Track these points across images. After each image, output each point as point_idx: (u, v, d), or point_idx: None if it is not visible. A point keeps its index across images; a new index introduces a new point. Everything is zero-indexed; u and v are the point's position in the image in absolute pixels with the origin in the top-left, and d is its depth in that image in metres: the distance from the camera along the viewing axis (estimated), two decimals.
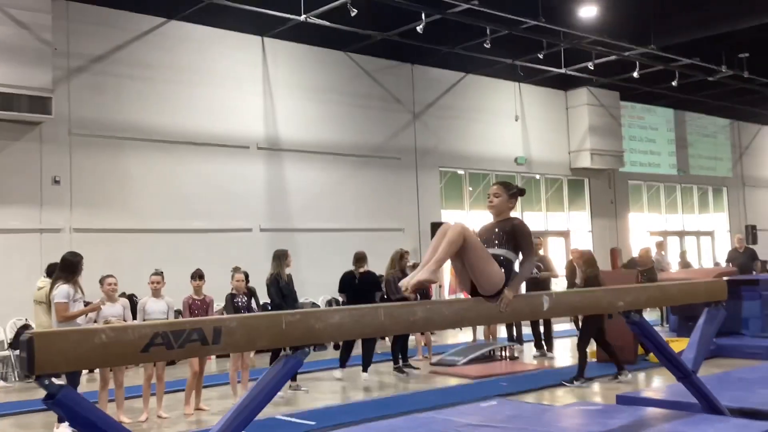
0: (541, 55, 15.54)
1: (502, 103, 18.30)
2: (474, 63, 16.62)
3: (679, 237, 22.76)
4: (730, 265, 13.99)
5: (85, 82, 12.38)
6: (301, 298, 11.75)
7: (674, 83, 17.78)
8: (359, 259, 9.80)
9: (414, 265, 11.32)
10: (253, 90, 14.31)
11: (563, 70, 16.99)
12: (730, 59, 17.65)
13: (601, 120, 19.63)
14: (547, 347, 11.06)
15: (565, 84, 19.11)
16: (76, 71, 12.29)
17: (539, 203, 19.20)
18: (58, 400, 2.70)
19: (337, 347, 10.65)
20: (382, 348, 11.23)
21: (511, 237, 4.16)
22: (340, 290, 9.95)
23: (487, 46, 14.24)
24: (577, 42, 15.33)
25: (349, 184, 15.35)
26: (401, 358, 9.83)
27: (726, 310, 7.49)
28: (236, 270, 8.28)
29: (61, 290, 6.79)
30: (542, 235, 17.87)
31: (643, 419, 4.90)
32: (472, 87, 17.64)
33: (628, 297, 4.81)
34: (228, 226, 13.67)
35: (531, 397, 7.84)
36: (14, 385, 9.93)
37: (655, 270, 10.33)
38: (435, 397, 7.81)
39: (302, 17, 12.91)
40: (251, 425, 6.72)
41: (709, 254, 24.09)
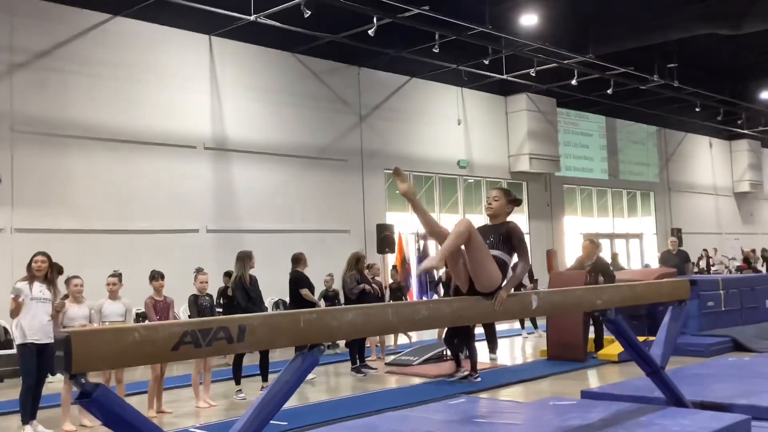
0: (487, 61, 15.90)
1: (446, 107, 18.59)
2: (419, 67, 16.86)
3: (609, 239, 23.54)
4: (662, 267, 14.57)
5: (29, 77, 12.02)
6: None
7: (609, 91, 18.43)
8: (297, 260, 9.69)
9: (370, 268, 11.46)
10: (200, 89, 14.15)
11: (505, 76, 17.41)
12: (661, 69, 18.44)
13: (539, 125, 20.16)
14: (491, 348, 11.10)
15: (505, 90, 19.57)
16: (18, 67, 11.91)
17: (480, 206, 19.55)
18: (94, 399, 2.69)
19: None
20: (341, 348, 11.30)
21: (507, 239, 4.30)
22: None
23: (435, 50, 14.48)
24: (520, 49, 15.74)
25: (297, 185, 15.34)
26: (359, 358, 9.91)
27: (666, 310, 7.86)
28: (199, 271, 8.20)
29: (14, 287, 6.73)
30: None
31: (618, 412, 5.12)
32: (417, 90, 17.88)
33: (604, 296, 5.03)
34: (174, 226, 13.47)
35: (494, 395, 8.03)
36: None
37: (604, 264, 10.67)
38: (400, 396, 7.92)
39: (252, 17, 12.87)
40: (226, 426, 6.72)
41: (638, 256, 25.01)
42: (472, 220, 4.11)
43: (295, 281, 9.52)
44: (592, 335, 10.61)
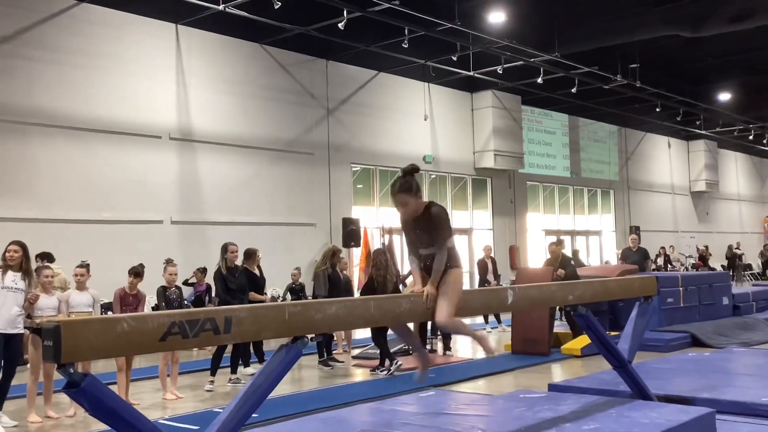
0: (455, 57, 16.01)
1: (412, 103, 18.66)
2: (387, 61, 16.90)
3: (570, 236, 23.89)
4: (623, 263, 14.86)
5: None
6: None
7: (574, 90, 18.69)
8: (248, 255, 9.48)
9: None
10: (166, 79, 14.00)
11: (471, 73, 17.54)
12: (624, 69, 18.76)
13: (504, 122, 20.36)
14: (424, 343, 10.87)
15: (471, 86, 19.71)
16: None
17: (445, 201, 19.67)
18: (82, 389, 2.68)
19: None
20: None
21: (433, 231, 4.19)
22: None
23: (405, 45, 14.54)
24: (488, 46, 15.88)
25: (263, 178, 15.27)
26: (326, 351, 9.93)
27: (627, 306, 7.97)
28: (168, 262, 8.14)
29: None
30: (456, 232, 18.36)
31: (587, 405, 5.23)
32: (384, 85, 17.91)
33: (576, 291, 5.13)
34: (138, 217, 13.32)
35: (459, 388, 8.12)
36: None
37: (569, 263, 10.86)
38: (369, 389, 7.97)
39: (221, 6, 12.77)
40: (194, 418, 6.69)
41: (597, 253, 25.44)
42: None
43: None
44: (557, 330, 10.79)
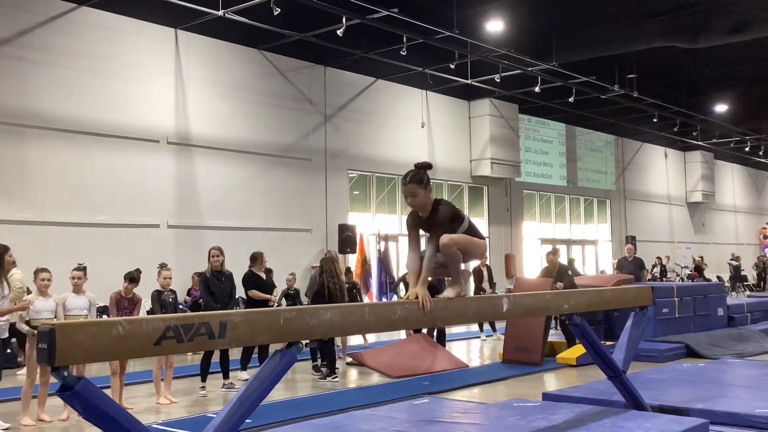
0: (453, 65, 16.05)
1: (410, 110, 18.69)
2: (385, 68, 16.94)
3: (566, 245, 23.92)
4: (618, 273, 14.88)
5: None
6: None
7: (571, 99, 18.75)
8: (254, 258, 9.50)
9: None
10: (164, 83, 14.01)
11: (469, 81, 17.58)
12: (621, 80, 18.83)
13: (501, 131, 20.40)
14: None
15: (469, 94, 19.75)
16: None
17: None
18: (76, 393, 2.67)
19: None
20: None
21: (446, 224, 4.17)
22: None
23: (403, 53, 14.57)
24: (486, 55, 15.92)
25: (260, 183, 15.28)
26: (319, 357, 9.91)
27: (622, 316, 7.95)
28: (163, 266, 8.12)
29: None
30: None
31: (581, 414, 5.24)
32: (382, 92, 17.94)
33: (572, 300, 5.13)
34: (134, 221, 13.31)
35: (456, 396, 8.11)
36: None
37: (566, 273, 10.87)
38: (363, 396, 7.95)
39: (220, 12, 12.79)
40: (188, 423, 6.67)
41: (593, 262, 25.46)
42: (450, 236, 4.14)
43: (244, 282, 9.30)
44: (553, 339, 10.79)
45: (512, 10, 15.15)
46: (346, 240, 16.13)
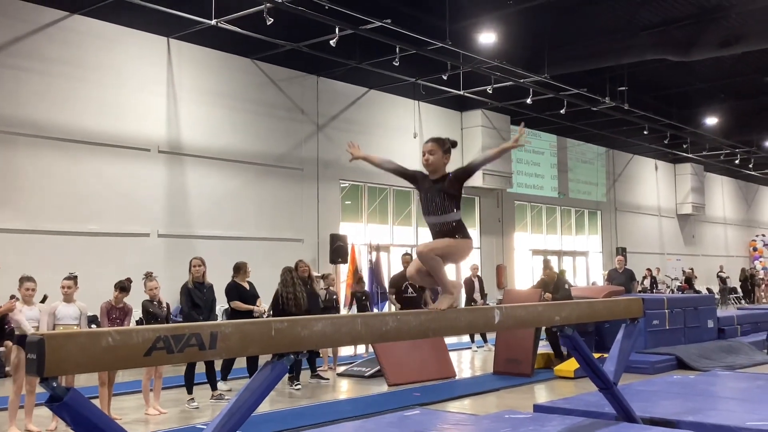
0: (445, 77, 16.10)
1: (402, 120, 18.73)
2: (378, 79, 16.97)
3: (557, 256, 23.96)
4: (609, 284, 14.91)
5: None
6: None
7: (562, 111, 18.82)
8: (237, 268, 9.33)
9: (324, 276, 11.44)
10: (156, 92, 13.99)
11: (462, 92, 17.63)
12: (612, 92, 18.92)
13: (493, 142, 20.40)
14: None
15: (461, 105, 19.81)
16: None
17: None
18: (65, 404, 2.65)
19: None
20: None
21: (453, 193, 4.26)
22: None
23: (396, 64, 14.61)
24: (478, 66, 15.98)
25: (251, 192, 15.25)
26: (310, 368, 9.88)
27: (613, 328, 7.97)
28: (147, 277, 8.05)
29: None
30: None
31: (573, 426, 5.23)
32: (374, 102, 17.97)
33: (563, 312, 5.13)
34: (124, 230, 13.25)
35: (447, 407, 8.09)
36: None
37: (562, 286, 10.89)
38: (354, 407, 7.92)
39: (213, 21, 12.78)
40: None
41: (584, 273, 25.50)
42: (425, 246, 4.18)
43: (227, 292, 9.09)
44: (544, 350, 10.78)
45: (504, 23, 15.20)
46: (338, 250, 16.10)
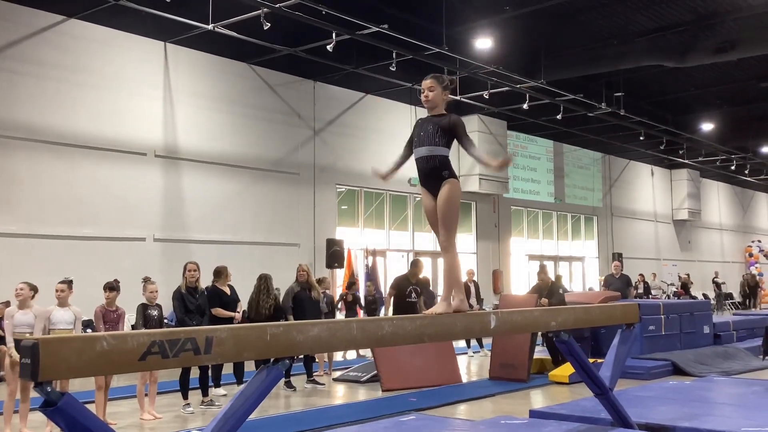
0: None
1: (399, 125, 18.70)
2: (374, 84, 16.97)
3: (553, 262, 23.97)
4: (605, 290, 14.92)
5: None
6: None
7: (559, 116, 18.84)
8: (217, 273, 9.15)
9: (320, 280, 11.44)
10: (152, 96, 13.98)
11: (458, 97, 17.63)
12: (608, 97, 18.95)
13: (490, 147, 20.43)
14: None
15: (457, 110, 19.74)
16: None
17: (428, 225, 19.69)
18: (59, 408, 2.64)
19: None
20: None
21: (447, 131, 4.29)
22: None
23: (392, 69, 14.61)
24: (475, 71, 15.99)
25: (248, 197, 15.24)
26: (306, 373, 9.86)
27: (609, 333, 7.96)
28: (147, 280, 8.05)
29: None
30: (431, 256, 18.38)
31: None
32: (371, 107, 17.98)
33: (559, 317, 5.13)
34: (120, 234, 13.23)
35: (443, 412, 8.07)
36: None
37: (557, 291, 10.89)
38: (349, 412, 7.90)
39: (210, 26, 12.76)
40: None
41: (580, 279, 25.52)
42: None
43: (207, 298, 8.76)
44: (539, 355, 10.77)
45: (501, 28, 15.21)
46: (334, 255, 16.10)
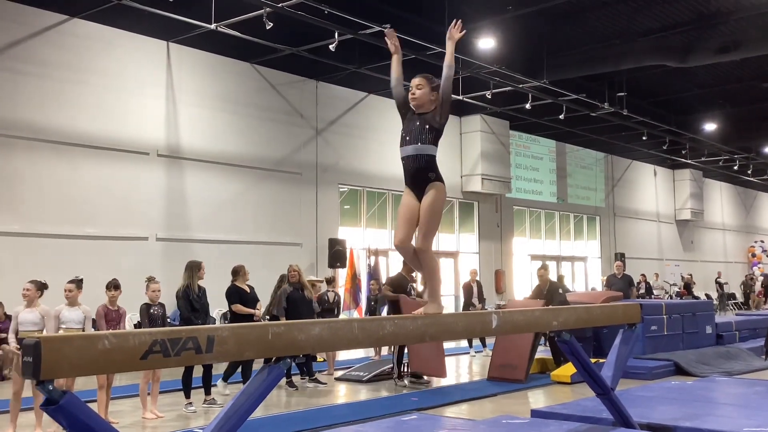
0: None
1: (401, 125, 18.69)
2: (377, 83, 16.95)
3: (556, 262, 23.95)
4: (607, 290, 14.91)
5: None
6: None
7: (561, 116, 18.83)
8: (235, 272, 9.26)
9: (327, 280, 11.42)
10: (155, 95, 13.99)
11: (461, 97, 17.63)
12: (611, 97, 18.94)
13: (492, 147, 20.47)
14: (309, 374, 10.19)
15: (460, 110, 19.81)
16: None
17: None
18: (61, 407, 2.64)
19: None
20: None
21: (432, 128, 4.24)
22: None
23: None
24: (477, 71, 15.99)
25: (250, 196, 15.25)
26: (307, 373, 9.87)
27: (611, 333, 7.98)
28: (150, 280, 8.05)
29: None
30: None
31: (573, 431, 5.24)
32: (373, 107, 17.97)
33: (561, 317, 5.13)
34: (123, 233, 13.24)
35: (444, 412, 8.07)
36: None
37: (557, 292, 10.89)
38: (351, 412, 7.90)
39: (212, 26, 12.77)
40: None
41: (582, 279, 25.49)
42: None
43: (227, 296, 9.07)
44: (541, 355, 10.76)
45: (504, 28, 15.21)
46: (336, 254, 16.11)
